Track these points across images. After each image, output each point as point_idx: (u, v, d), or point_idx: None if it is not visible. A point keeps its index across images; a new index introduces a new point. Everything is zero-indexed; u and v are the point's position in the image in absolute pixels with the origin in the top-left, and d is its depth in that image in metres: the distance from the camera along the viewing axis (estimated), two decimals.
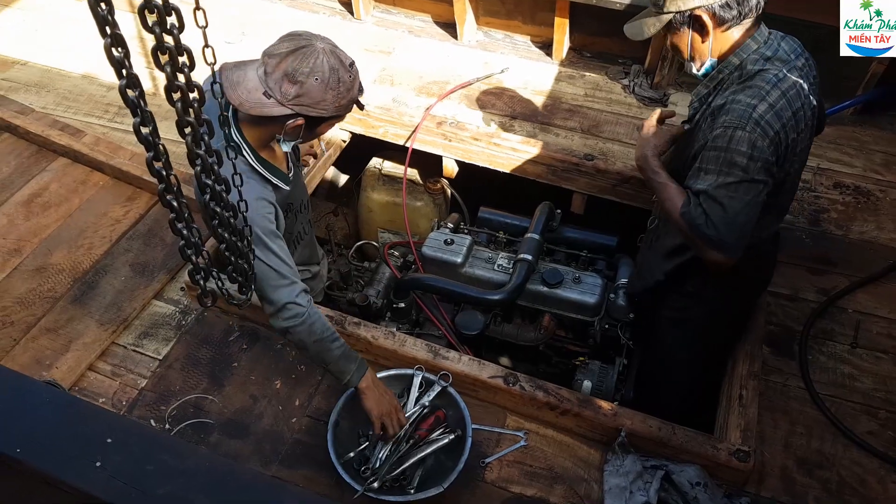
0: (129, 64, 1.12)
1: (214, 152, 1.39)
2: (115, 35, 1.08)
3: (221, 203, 1.49)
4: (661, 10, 1.90)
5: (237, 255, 1.62)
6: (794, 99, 1.84)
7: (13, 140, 2.98)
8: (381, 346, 2.27)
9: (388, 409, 2.03)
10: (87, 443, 1.64)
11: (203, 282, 1.55)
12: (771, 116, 1.80)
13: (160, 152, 1.23)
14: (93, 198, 2.78)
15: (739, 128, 1.80)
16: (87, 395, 2.22)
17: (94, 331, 2.35)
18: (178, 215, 1.37)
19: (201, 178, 1.39)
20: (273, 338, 2.39)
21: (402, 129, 3.14)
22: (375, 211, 3.62)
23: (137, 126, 1.18)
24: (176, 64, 1.21)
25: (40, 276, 2.50)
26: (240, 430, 2.17)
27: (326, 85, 1.86)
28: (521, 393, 2.14)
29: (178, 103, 1.26)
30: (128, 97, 1.14)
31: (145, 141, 1.20)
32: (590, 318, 2.60)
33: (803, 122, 1.88)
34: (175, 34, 1.18)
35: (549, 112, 3.24)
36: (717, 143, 1.84)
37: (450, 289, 2.58)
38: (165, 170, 1.26)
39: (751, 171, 1.82)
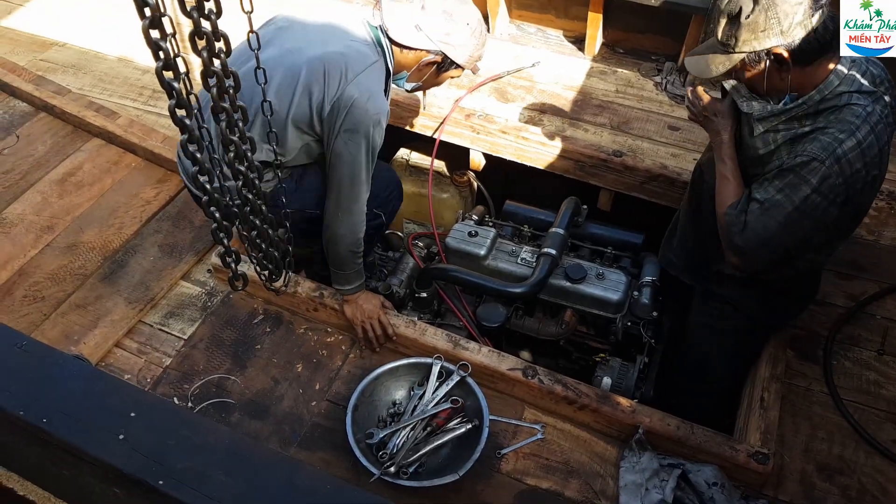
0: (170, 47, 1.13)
1: (248, 139, 1.41)
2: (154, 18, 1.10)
3: (254, 190, 1.51)
4: (731, 50, 1.79)
5: (268, 244, 1.64)
6: (882, 133, 1.77)
7: (50, 120, 3.05)
8: (402, 335, 2.28)
9: (370, 313, 2.14)
10: (111, 416, 1.67)
11: (234, 265, 1.58)
12: (855, 155, 1.73)
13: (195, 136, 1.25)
14: (125, 179, 2.83)
15: (818, 160, 1.74)
16: (114, 370, 2.26)
17: (121, 309, 2.40)
18: (211, 198, 1.39)
19: (234, 164, 1.40)
20: (296, 322, 2.42)
21: (431, 121, 3.15)
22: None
23: (173, 108, 1.20)
24: (212, 49, 1.23)
25: (71, 254, 2.56)
26: (260, 411, 2.20)
27: (472, 32, 2.05)
28: (539, 386, 2.14)
29: (213, 89, 1.28)
30: (164, 79, 1.16)
31: (180, 123, 1.22)
32: (612, 315, 2.59)
33: (888, 155, 1.82)
34: (213, 19, 1.19)
35: (578, 107, 3.22)
36: (795, 164, 1.79)
37: (472, 280, 2.58)
38: (201, 151, 1.28)
39: (809, 205, 1.78)
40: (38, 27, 3.73)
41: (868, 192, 1.87)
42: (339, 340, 2.38)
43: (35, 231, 2.62)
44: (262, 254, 1.65)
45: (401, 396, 2.18)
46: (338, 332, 2.41)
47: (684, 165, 2.88)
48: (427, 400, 2.11)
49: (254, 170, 1.46)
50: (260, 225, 1.56)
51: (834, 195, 1.78)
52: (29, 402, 1.69)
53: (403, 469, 1.95)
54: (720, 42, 1.81)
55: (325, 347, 2.36)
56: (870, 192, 1.88)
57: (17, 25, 3.74)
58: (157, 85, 1.23)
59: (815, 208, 1.80)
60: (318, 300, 2.36)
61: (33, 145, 2.96)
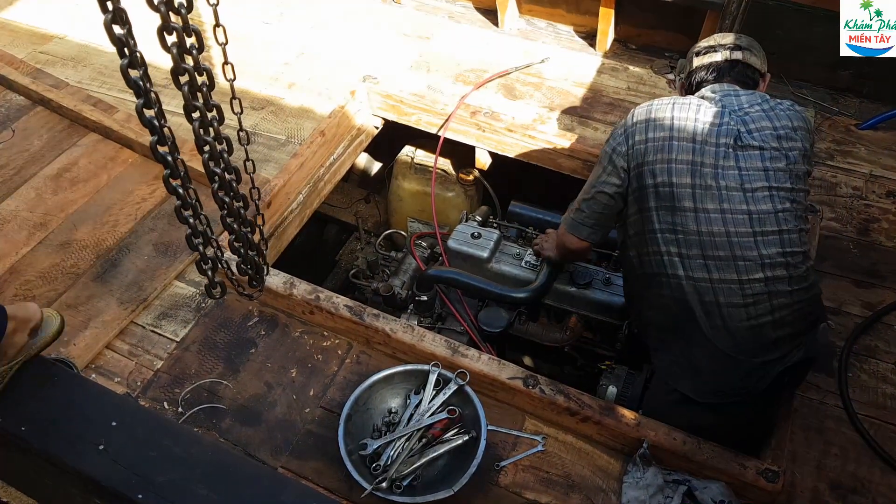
0: (132, 42, 1.07)
1: (224, 139, 1.34)
2: (116, 10, 1.03)
3: (231, 193, 1.44)
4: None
5: (248, 247, 1.57)
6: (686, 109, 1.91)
7: (46, 114, 2.99)
8: (400, 340, 2.21)
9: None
10: (91, 425, 1.61)
11: (212, 273, 1.51)
12: (640, 110, 1.99)
13: (165, 136, 1.18)
14: (121, 175, 2.77)
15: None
16: (103, 373, 2.20)
17: (113, 309, 2.34)
18: (183, 203, 1.32)
19: (209, 166, 1.34)
20: (291, 325, 2.36)
21: (436, 118, 3.07)
22: (405, 200, 3.56)
23: (140, 108, 1.13)
24: (183, 45, 1.16)
25: (64, 252, 2.50)
26: (252, 417, 2.13)
27: None
28: (540, 396, 2.07)
29: (184, 87, 1.21)
30: (130, 77, 1.09)
31: (149, 124, 1.16)
32: (618, 322, 2.51)
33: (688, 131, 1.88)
34: (183, 13, 1.12)
35: (588, 105, 3.13)
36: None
37: (473, 284, 2.50)
38: (171, 154, 1.21)
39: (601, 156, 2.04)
40: (38, 19, 3.67)
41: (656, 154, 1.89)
42: (336, 345, 2.31)
43: (28, 228, 2.56)
44: (240, 258, 1.59)
45: (396, 405, 2.11)
46: (334, 335, 2.34)
47: None
48: (423, 409, 2.03)
49: (231, 171, 1.40)
50: (238, 229, 1.49)
51: (614, 141, 1.98)
52: (7, 408, 1.63)
53: (397, 483, 1.87)
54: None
55: (321, 352, 2.30)
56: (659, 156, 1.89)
57: (17, 17, 3.69)
58: (157, 79, 1.17)
59: (604, 154, 2.01)
60: (314, 303, 2.29)
61: (29, 140, 2.90)
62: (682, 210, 1.85)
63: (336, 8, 3.74)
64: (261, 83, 3.27)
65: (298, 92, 3.23)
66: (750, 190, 1.83)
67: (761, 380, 1.89)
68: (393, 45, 3.48)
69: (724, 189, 1.83)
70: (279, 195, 2.66)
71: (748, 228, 1.82)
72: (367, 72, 3.24)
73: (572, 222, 2.13)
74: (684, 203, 1.84)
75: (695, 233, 1.84)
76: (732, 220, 1.82)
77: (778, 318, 1.83)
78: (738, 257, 1.81)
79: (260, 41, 3.53)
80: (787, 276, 1.83)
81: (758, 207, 1.83)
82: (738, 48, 2.01)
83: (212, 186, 1.42)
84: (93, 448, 1.46)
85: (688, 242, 1.85)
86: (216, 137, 1.33)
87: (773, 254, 1.82)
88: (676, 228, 1.86)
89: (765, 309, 1.82)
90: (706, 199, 1.83)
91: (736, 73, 2.01)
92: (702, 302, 1.85)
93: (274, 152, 2.94)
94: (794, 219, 1.87)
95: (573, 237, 2.15)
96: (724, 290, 1.82)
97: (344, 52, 3.44)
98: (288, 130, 3.04)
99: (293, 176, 2.72)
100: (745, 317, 1.82)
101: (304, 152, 2.79)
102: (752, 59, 2.02)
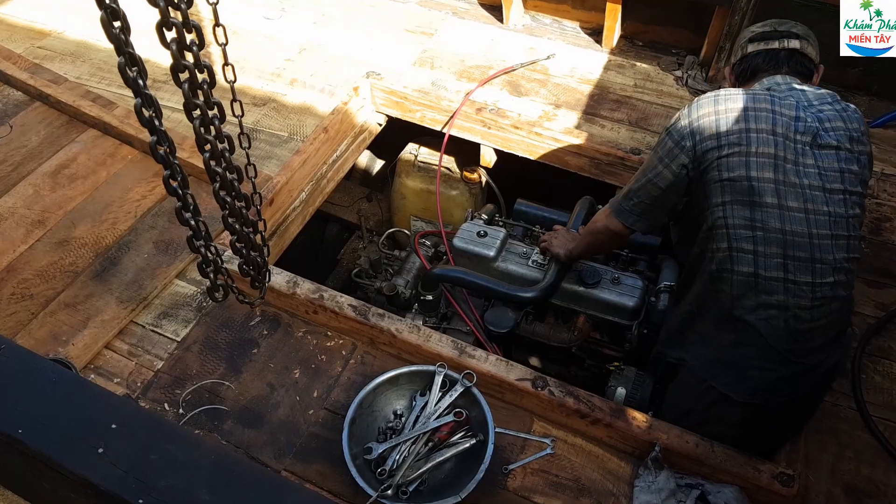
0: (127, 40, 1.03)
1: (226, 137, 1.30)
2: (112, 8, 0.99)
3: (233, 192, 1.40)
4: None
5: (250, 248, 1.53)
6: (762, 101, 1.81)
7: (45, 109, 2.94)
8: (405, 341, 2.16)
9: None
10: (91, 427, 1.56)
11: (214, 275, 1.47)
12: (706, 100, 1.87)
13: (164, 136, 1.13)
14: (120, 172, 2.72)
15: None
16: (103, 373, 2.16)
17: (113, 308, 2.29)
18: (184, 204, 1.28)
19: (210, 165, 1.29)
20: (294, 325, 2.31)
21: (440, 115, 3.02)
22: (409, 198, 3.51)
23: (139, 107, 1.09)
24: (183, 42, 1.12)
25: (62, 250, 2.45)
26: (255, 419, 2.09)
27: None
28: (549, 398, 2.02)
29: (184, 84, 1.16)
30: (128, 76, 1.05)
31: (148, 123, 1.11)
32: (627, 322, 2.46)
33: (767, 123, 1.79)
34: (183, 8, 1.08)
35: (595, 102, 3.09)
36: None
37: (480, 283, 2.45)
38: (170, 156, 1.17)
39: (659, 146, 1.94)
40: (35, 15, 3.62)
41: (732, 148, 1.78)
42: (340, 345, 2.27)
43: (26, 225, 2.51)
44: (242, 259, 1.55)
45: (402, 406, 2.06)
46: (338, 335, 2.29)
47: None
48: (429, 411, 1.99)
49: (232, 171, 1.35)
50: (240, 229, 1.45)
51: (677, 134, 1.86)
52: (4, 409, 1.58)
53: (403, 488, 1.83)
54: None
55: (325, 352, 2.25)
56: (734, 150, 1.78)
57: (15, 13, 3.63)
58: (157, 74, 1.14)
59: (664, 146, 1.89)
60: (317, 302, 2.24)
61: (27, 136, 2.85)
62: (762, 206, 1.74)
63: (338, 3, 3.69)
64: (262, 80, 3.22)
65: (300, 88, 3.18)
66: (829, 191, 1.75)
67: (805, 383, 1.84)
68: (396, 41, 3.43)
69: (806, 188, 1.74)
70: (281, 192, 2.61)
71: (828, 231, 1.73)
72: (370, 68, 3.20)
73: (620, 208, 2.05)
74: (766, 199, 1.74)
75: (777, 230, 1.73)
76: (815, 220, 1.73)
77: (830, 322, 1.78)
78: (817, 259, 1.73)
79: (261, 37, 3.48)
80: (846, 281, 1.77)
81: (835, 210, 1.74)
82: (795, 36, 1.91)
83: (213, 186, 1.38)
84: (91, 451, 1.41)
85: (767, 240, 1.75)
86: (217, 136, 1.29)
87: (841, 259, 1.74)
88: (755, 225, 1.75)
89: (825, 312, 1.76)
90: (789, 196, 1.74)
91: (794, 63, 1.91)
92: (769, 302, 1.78)
93: (276, 149, 2.89)
94: (859, 225, 1.81)
95: (618, 222, 2.07)
96: (796, 292, 1.74)
97: (346, 48, 3.40)
98: (290, 127, 3.00)
99: (296, 173, 2.67)
100: (809, 318, 1.75)
101: (306, 149, 2.75)
102: (809, 50, 1.93)
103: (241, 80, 3.38)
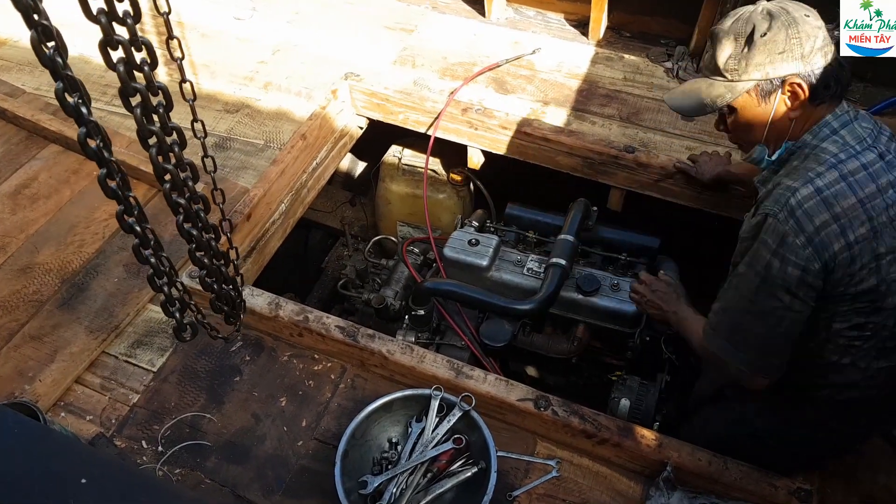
0: (62, 61, 0.89)
1: (188, 165, 1.16)
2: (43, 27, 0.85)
3: (199, 224, 1.26)
4: (736, 77, 1.50)
5: (221, 282, 1.39)
6: (865, 183, 1.43)
7: (2, 125, 2.75)
8: (398, 362, 2.03)
9: None
10: (58, 483, 1.41)
11: (179, 314, 1.33)
12: (813, 205, 1.40)
13: (114, 169, 0.99)
14: (85, 189, 2.54)
15: (771, 214, 1.44)
16: (74, 411, 2.01)
17: (82, 339, 2.13)
18: (142, 241, 1.13)
19: (171, 196, 1.15)
20: (278, 349, 2.17)
21: (424, 116, 2.88)
22: (394, 203, 3.37)
23: (84, 137, 0.95)
24: (132, 62, 0.98)
25: (25, 277, 2.28)
26: (240, 453, 1.95)
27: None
28: (553, 419, 1.91)
29: (137, 110, 1.02)
30: (68, 103, 0.91)
31: (95, 155, 0.97)
32: (629, 330, 2.35)
33: (885, 212, 1.44)
34: (129, 23, 0.94)
35: (584, 98, 2.96)
36: (749, 227, 1.52)
37: (474, 297, 2.32)
38: (123, 190, 1.02)
39: (774, 274, 1.44)
40: None
41: (864, 258, 1.43)
42: (328, 368, 2.14)
43: None
44: (214, 295, 1.41)
45: (397, 434, 1.94)
46: (326, 358, 2.16)
47: None
48: (427, 439, 1.86)
49: (197, 201, 1.22)
50: (209, 263, 1.31)
51: (800, 259, 1.41)
52: None
53: None
54: (721, 69, 1.52)
55: (312, 377, 2.12)
56: (867, 259, 1.44)
57: None
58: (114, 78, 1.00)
59: (783, 277, 1.44)
60: (302, 325, 2.10)
61: None
62: (885, 309, 1.49)
63: (312, 1, 3.52)
64: (234, 84, 3.06)
65: (275, 92, 3.02)
66: None
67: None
68: (374, 39, 3.28)
69: None
70: (259, 206, 2.46)
71: None
72: (349, 68, 3.04)
73: (764, 364, 1.60)
74: (888, 300, 1.48)
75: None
76: None
77: None
78: None
79: (232, 38, 3.30)
80: None
81: None
82: (837, 42, 1.67)
83: (176, 219, 1.24)
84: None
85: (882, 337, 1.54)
86: (178, 164, 1.15)
87: None
88: (874, 327, 1.52)
89: None
90: None
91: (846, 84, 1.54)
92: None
93: (252, 158, 2.74)
94: None
95: (763, 379, 1.64)
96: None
97: (322, 48, 3.24)
98: (266, 134, 2.84)
99: (273, 185, 2.52)
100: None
101: (284, 158, 2.59)
102: None
103: (212, 86, 3.24)
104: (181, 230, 1.25)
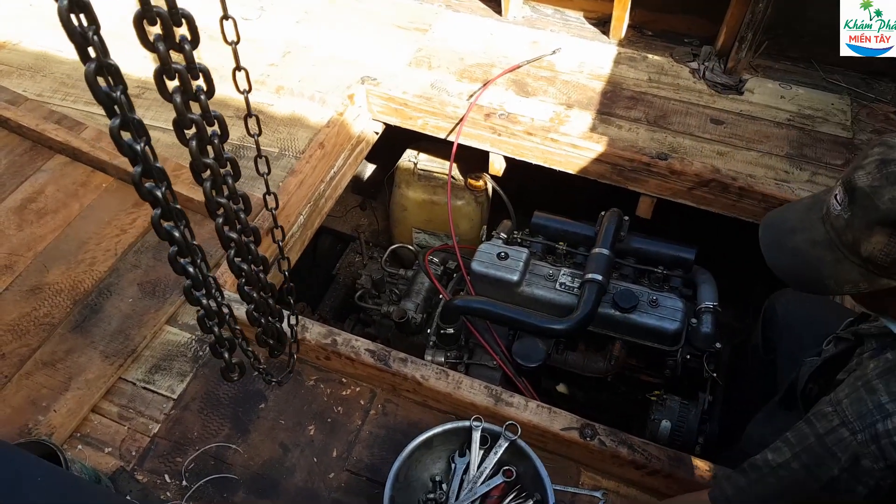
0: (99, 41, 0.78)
1: (241, 197, 1.05)
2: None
3: (250, 256, 1.15)
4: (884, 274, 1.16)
5: (268, 315, 1.29)
6: None
7: (5, 135, 2.61)
8: (433, 388, 1.93)
9: None
10: None
11: (228, 354, 1.23)
12: None
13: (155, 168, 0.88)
14: (95, 203, 2.42)
15: (847, 426, 1.19)
16: (91, 442, 1.90)
17: (97, 364, 2.02)
18: (194, 283, 1.03)
19: (224, 231, 1.04)
20: (304, 372, 2.07)
21: (445, 121, 2.77)
22: (410, 209, 3.26)
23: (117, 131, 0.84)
24: (189, 91, 0.87)
25: (35, 299, 2.16)
26: (269, 487, 1.85)
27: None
28: (600, 449, 1.81)
29: (192, 142, 0.91)
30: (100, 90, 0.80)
31: (130, 151, 0.86)
32: (669, 348, 2.25)
33: None
34: (187, 50, 0.84)
35: (608, 100, 2.85)
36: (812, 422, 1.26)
37: (508, 315, 2.21)
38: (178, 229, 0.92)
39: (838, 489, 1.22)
40: None
41: None
42: (357, 393, 2.03)
43: None
44: (260, 329, 1.32)
45: (439, 470, 1.83)
46: (354, 382, 2.05)
47: (733, 166, 2.54)
48: (473, 474, 1.76)
49: (249, 234, 1.12)
50: (258, 297, 1.22)
51: (872, 479, 1.19)
52: None
53: None
54: (862, 254, 1.17)
55: (341, 403, 2.01)
56: None
57: None
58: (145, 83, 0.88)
59: (849, 492, 1.22)
60: (330, 348, 2.00)
61: None
62: None
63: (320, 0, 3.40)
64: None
65: (288, 97, 2.90)
66: None
67: None
68: (388, 39, 3.16)
69: None
70: (278, 219, 2.34)
71: None
72: (362, 70, 2.93)
73: None
74: None
75: None
76: None
77: None
78: None
79: (241, 40, 3.16)
80: None
81: None
82: None
83: (227, 254, 1.14)
84: None
85: None
86: (231, 196, 1.05)
87: None
88: None
89: None
90: None
91: None
92: None
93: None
94: None
95: None
96: None
97: (334, 49, 3.11)
98: (280, 142, 2.72)
99: (292, 196, 2.41)
100: None
101: (302, 168, 2.48)
102: None
103: (222, 90, 3.07)
104: (231, 265, 1.15)
